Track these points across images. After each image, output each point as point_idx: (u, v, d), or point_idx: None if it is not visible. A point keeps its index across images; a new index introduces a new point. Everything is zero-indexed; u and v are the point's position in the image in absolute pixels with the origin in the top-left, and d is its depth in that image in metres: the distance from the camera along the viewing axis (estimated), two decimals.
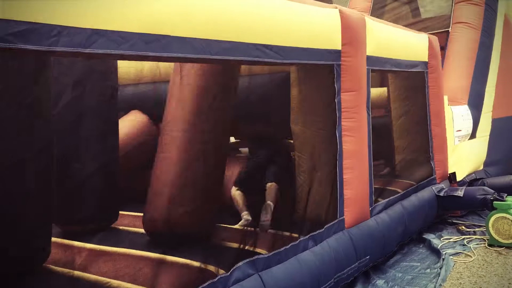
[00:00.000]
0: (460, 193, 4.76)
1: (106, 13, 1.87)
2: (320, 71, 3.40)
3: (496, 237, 4.32)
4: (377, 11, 7.21)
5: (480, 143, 6.10)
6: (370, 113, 3.81)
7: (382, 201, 4.03)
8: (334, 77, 3.37)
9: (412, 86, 5.14)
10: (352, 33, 3.47)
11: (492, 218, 4.36)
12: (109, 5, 1.89)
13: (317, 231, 3.18)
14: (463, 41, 6.11)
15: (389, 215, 4.02)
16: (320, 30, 3.20)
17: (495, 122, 6.39)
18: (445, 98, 5.43)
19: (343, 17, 3.40)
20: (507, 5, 7.01)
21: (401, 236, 4.18)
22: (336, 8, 3.42)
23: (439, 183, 5.15)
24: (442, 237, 4.65)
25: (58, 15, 1.70)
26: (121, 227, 3.48)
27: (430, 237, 4.57)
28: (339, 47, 3.39)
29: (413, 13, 6.96)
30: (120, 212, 3.55)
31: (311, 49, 3.14)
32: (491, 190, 4.69)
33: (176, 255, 2.68)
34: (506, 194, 4.59)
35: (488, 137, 6.27)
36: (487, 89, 6.20)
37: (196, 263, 2.59)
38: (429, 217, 4.79)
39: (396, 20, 6.99)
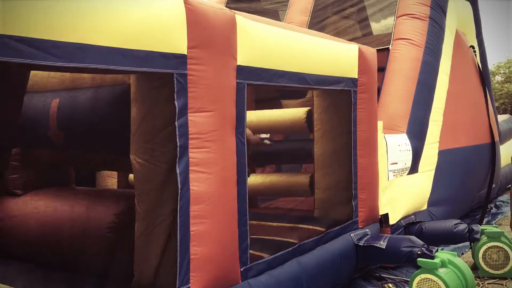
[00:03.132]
0: (382, 243, 3.81)
1: None
2: (159, 82, 2.47)
3: None
4: (316, 25, 6.37)
5: (423, 179, 5.19)
6: (245, 141, 2.87)
7: (266, 258, 3.06)
8: (175, 92, 2.44)
9: (336, 107, 4.24)
10: (205, 32, 2.56)
11: (416, 280, 3.41)
12: None
13: None
14: (403, 60, 5.27)
15: (275, 276, 3.04)
16: (153, 26, 2.29)
17: (443, 155, 5.51)
18: (379, 124, 4.53)
19: (191, 10, 2.49)
20: (459, 20, 6.24)
21: None
22: None
23: (362, 228, 4.19)
24: None
25: None
26: None
27: None
28: (183, 51, 2.46)
29: (361, 26, 6.12)
30: None
31: (142, 52, 2.23)
32: (420, 241, 3.75)
33: None
34: (437, 248, 3.66)
35: (434, 171, 5.36)
36: (432, 116, 5.33)
37: None
38: (343, 274, 3.81)
39: (337, 35, 6.17)
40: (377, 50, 5.91)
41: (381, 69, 5.53)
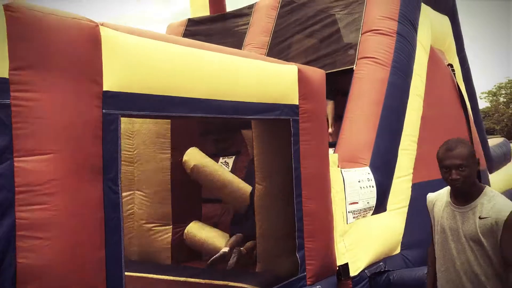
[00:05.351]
0: None
1: None
2: None
3: None
4: (278, 45, 5.77)
5: (393, 218, 4.45)
6: (119, 189, 2.19)
7: None
8: None
9: (273, 138, 3.58)
10: (41, 48, 1.91)
11: None
12: None
13: None
14: (367, 82, 4.61)
15: None
16: None
17: (418, 188, 4.77)
18: (333, 157, 3.83)
19: (16, 19, 1.84)
20: (435, 36, 5.60)
21: None
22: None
23: (311, 285, 3.45)
24: None
25: None
26: None
27: None
28: (3, 73, 1.81)
29: (325, 44, 5.47)
30: None
31: None
32: None
33: None
34: None
35: (407, 208, 4.62)
36: (403, 145, 4.63)
37: None
38: None
39: (300, 54, 5.56)
40: (342, 71, 5.32)
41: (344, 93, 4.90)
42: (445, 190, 2.58)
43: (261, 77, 3.20)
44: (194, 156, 4.21)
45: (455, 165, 2.31)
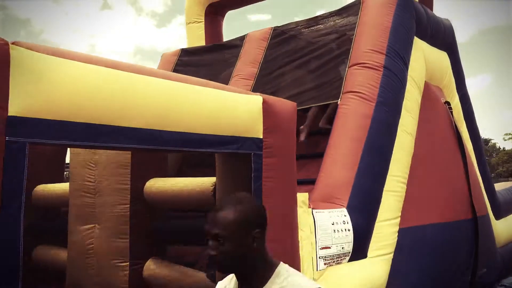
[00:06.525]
0: None
1: None
2: None
3: None
4: (265, 77, 5.57)
5: (374, 266, 4.06)
6: (22, 229, 1.94)
7: None
8: None
9: (234, 174, 3.31)
10: None
11: None
12: None
13: None
14: (350, 117, 4.34)
15: None
16: None
17: (406, 234, 4.40)
18: (303, 196, 3.53)
19: None
20: (431, 72, 5.33)
21: None
22: None
23: None
24: None
25: None
26: None
27: None
28: None
29: (312, 77, 5.25)
30: None
31: None
32: None
33: None
34: None
35: (391, 255, 4.24)
36: (389, 186, 4.29)
37: None
38: None
39: (289, 86, 5.34)
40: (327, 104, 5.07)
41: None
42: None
43: (219, 107, 2.96)
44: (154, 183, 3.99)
45: (211, 234, 1.66)
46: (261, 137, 3.21)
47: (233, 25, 6.16)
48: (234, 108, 3.05)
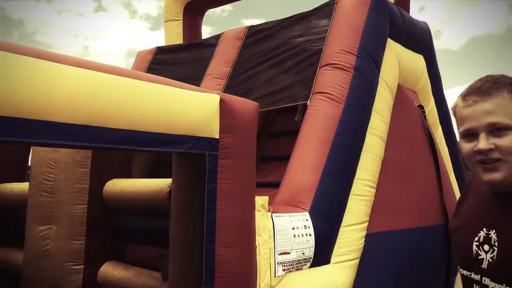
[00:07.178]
0: None
1: None
2: None
3: None
4: (238, 77, 5.47)
5: (338, 272, 3.95)
6: None
7: None
8: None
9: (190, 174, 3.20)
10: None
11: None
12: None
13: None
14: (318, 119, 4.24)
15: None
16: None
17: (373, 239, 4.30)
18: (262, 200, 3.43)
19: None
20: (404, 75, 5.25)
21: None
22: None
23: None
24: None
25: None
26: None
27: None
28: None
29: (284, 77, 5.14)
30: None
31: None
32: None
33: None
34: None
35: (357, 261, 4.14)
36: (356, 190, 4.19)
37: None
38: None
39: (261, 86, 5.24)
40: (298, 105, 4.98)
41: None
42: None
43: (170, 105, 2.84)
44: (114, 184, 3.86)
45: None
46: (217, 137, 3.10)
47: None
48: (187, 106, 2.93)
